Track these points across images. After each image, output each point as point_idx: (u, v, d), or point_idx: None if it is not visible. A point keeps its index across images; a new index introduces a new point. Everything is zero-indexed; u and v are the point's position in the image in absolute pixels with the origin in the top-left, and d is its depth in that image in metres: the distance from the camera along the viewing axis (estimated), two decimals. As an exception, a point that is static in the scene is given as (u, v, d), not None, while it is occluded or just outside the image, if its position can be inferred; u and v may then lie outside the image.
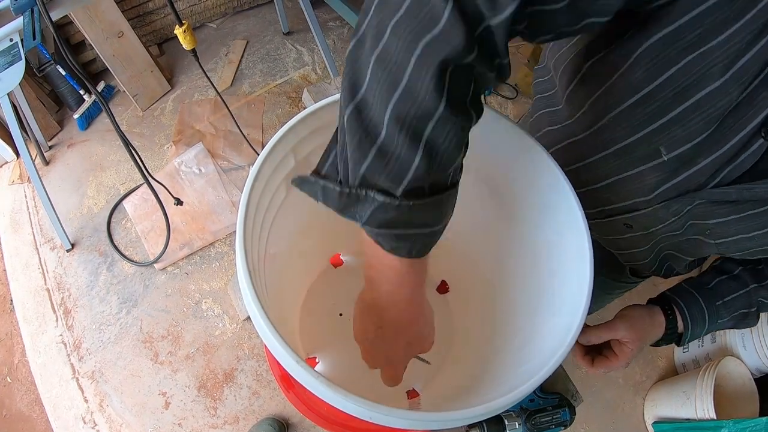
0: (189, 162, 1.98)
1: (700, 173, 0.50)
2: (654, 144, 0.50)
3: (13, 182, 1.94)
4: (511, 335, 0.68)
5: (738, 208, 0.50)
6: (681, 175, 0.51)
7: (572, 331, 0.48)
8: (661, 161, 0.51)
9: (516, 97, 2.44)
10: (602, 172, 0.59)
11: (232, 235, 1.86)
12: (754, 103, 0.42)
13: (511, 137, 0.61)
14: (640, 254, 0.70)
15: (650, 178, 0.54)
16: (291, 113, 2.22)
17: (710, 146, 0.47)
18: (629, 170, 0.55)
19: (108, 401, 1.52)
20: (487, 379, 0.65)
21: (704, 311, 0.66)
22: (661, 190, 0.54)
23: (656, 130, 0.48)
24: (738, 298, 0.65)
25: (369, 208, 0.38)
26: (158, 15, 2.23)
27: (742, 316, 0.66)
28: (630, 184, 0.57)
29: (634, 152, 0.53)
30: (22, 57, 1.28)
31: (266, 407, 1.53)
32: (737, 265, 0.67)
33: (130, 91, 2.08)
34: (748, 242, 0.52)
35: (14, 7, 1.19)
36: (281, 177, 0.60)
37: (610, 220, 0.66)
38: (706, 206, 0.52)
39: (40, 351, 1.61)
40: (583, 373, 1.70)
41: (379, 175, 0.37)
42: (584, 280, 0.52)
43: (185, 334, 1.64)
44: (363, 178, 0.38)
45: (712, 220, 0.53)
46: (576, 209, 0.55)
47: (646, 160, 0.52)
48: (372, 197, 0.37)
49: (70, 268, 1.76)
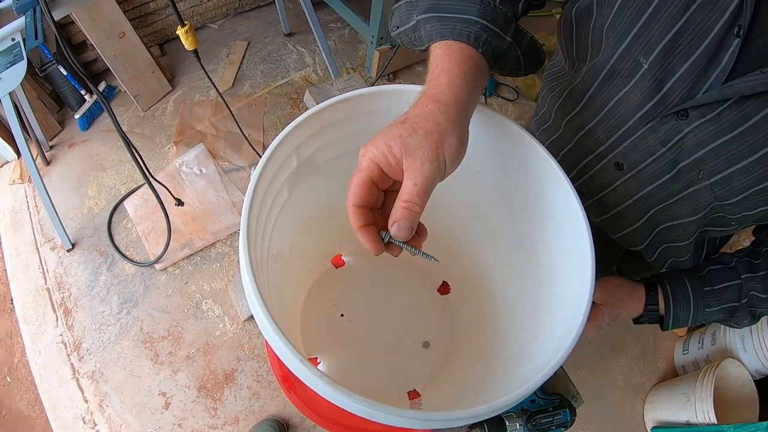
0: (190, 162, 1.98)
1: (681, 81, 0.51)
2: (634, 55, 0.53)
3: (13, 182, 1.94)
4: (512, 336, 0.68)
5: (726, 126, 0.50)
6: (664, 86, 0.52)
7: (574, 332, 0.49)
8: (642, 71, 0.53)
9: (517, 98, 2.44)
10: (599, 102, 0.61)
11: (232, 235, 1.86)
12: (719, 1, 0.45)
13: (512, 138, 0.61)
14: (630, 212, 0.68)
15: (636, 95, 0.56)
16: (292, 114, 2.22)
17: (685, 50, 0.49)
18: (618, 93, 0.58)
19: (108, 401, 1.52)
20: (488, 380, 0.65)
21: (689, 294, 0.67)
22: (647, 108, 0.55)
23: (634, 38, 0.53)
24: (729, 288, 0.65)
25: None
26: (159, 15, 2.24)
27: (733, 309, 0.65)
28: (618, 109, 0.59)
29: (619, 70, 0.56)
30: (23, 57, 1.28)
31: (266, 408, 1.53)
32: (732, 257, 0.67)
33: (131, 92, 2.08)
34: (743, 177, 0.51)
35: (16, 7, 1.19)
36: (284, 177, 0.60)
37: (602, 165, 0.66)
38: (695, 134, 0.52)
39: (40, 351, 1.61)
40: (583, 374, 1.70)
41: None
42: (585, 280, 0.52)
43: (186, 335, 1.64)
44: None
45: (700, 150, 0.53)
46: (577, 209, 0.55)
47: (629, 76, 0.55)
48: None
49: (70, 268, 1.76)
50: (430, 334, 0.87)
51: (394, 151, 0.43)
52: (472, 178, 0.71)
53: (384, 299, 0.91)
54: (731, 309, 0.65)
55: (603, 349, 1.80)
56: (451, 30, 0.50)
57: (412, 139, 0.42)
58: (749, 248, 0.68)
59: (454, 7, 0.51)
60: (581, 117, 0.66)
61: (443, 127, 0.43)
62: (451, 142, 0.43)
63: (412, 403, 0.81)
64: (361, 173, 0.45)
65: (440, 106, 0.45)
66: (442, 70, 0.48)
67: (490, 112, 0.60)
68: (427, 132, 0.43)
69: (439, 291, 0.92)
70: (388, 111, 0.61)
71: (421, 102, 0.46)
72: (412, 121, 0.43)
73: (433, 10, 0.52)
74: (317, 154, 0.63)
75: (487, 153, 0.65)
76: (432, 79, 0.48)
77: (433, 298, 0.92)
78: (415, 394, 0.81)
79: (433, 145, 0.42)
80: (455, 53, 0.49)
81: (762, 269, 0.63)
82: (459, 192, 0.76)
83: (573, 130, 0.68)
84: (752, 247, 0.67)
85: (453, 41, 0.50)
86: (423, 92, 0.47)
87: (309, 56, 2.44)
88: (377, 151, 0.43)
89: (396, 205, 0.44)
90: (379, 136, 0.44)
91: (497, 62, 0.54)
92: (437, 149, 0.43)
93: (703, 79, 0.49)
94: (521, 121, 2.42)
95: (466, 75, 0.48)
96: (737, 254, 0.67)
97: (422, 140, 0.42)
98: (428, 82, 0.48)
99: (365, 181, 0.45)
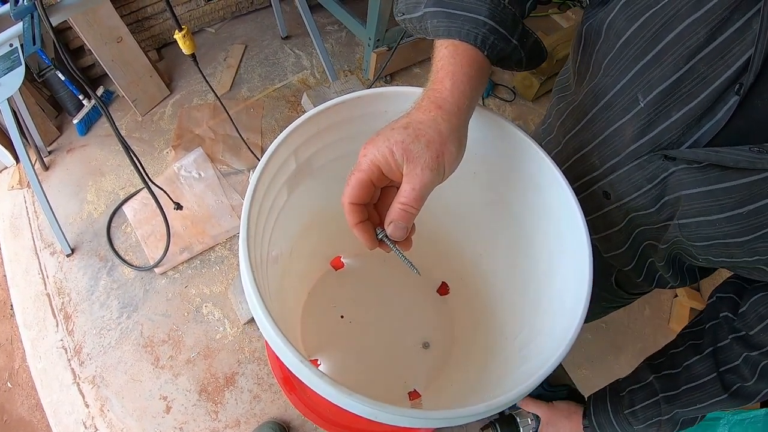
0: (188, 166, 1.99)
1: (674, 126, 0.51)
2: (633, 91, 0.53)
3: (12, 187, 1.94)
4: (511, 335, 0.69)
5: (707, 177, 0.50)
6: (656, 128, 0.53)
7: (572, 331, 0.49)
8: (638, 109, 0.53)
9: (514, 99, 2.45)
10: (596, 128, 0.62)
11: (232, 239, 1.86)
12: (726, 57, 0.45)
13: (510, 140, 0.61)
14: (617, 237, 0.69)
15: (629, 129, 0.56)
16: (290, 117, 2.22)
17: (683, 97, 0.49)
18: (613, 124, 0.58)
19: (109, 406, 1.52)
20: (488, 379, 0.66)
21: (612, 420, 0.69)
22: (637, 144, 0.55)
23: (636, 74, 0.53)
24: (647, 407, 0.66)
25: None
26: (157, 20, 2.24)
27: (657, 424, 0.65)
28: (613, 139, 0.59)
29: (617, 102, 0.56)
30: (21, 62, 1.29)
31: (267, 411, 1.53)
32: (650, 373, 0.68)
33: (129, 96, 2.08)
34: (709, 228, 0.52)
35: (14, 13, 1.20)
36: (283, 179, 0.60)
37: (591, 191, 0.66)
38: (679, 175, 0.53)
39: (41, 356, 1.61)
40: (584, 372, 1.70)
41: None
42: (583, 281, 0.52)
43: (186, 339, 1.64)
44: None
45: (682, 191, 0.53)
46: (576, 211, 0.55)
47: (626, 110, 0.55)
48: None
49: (70, 273, 1.76)
50: (429, 334, 0.88)
51: (396, 156, 0.43)
52: (470, 179, 0.71)
53: (383, 300, 0.91)
54: (656, 423, 0.66)
55: (603, 348, 1.80)
56: (458, 30, 0.50)
57: (414, 146, 0.43)
58: (697, 318, 0.68)
59: (463, 5, 0.50)
60: (579, 138, 0.66)
61: (445, 136, 0.44)
62: (451, 150, 0.44)
63: (412, 404, 0.81)
64: (361, 173, 0.45)
65: (443, 113, 0.45)
66: (447, 73, 0.48)
67: (489, 113, 0.61)
68: (429, 140, 0.43)
69: (439, 292, 0.92)
70: (385, 113, 0.61)
71: (424, 107, 0.46)
72: (415, 128, 0.44)
73: (442, 4, 0.52)
74: (315, 157, 0.64)
75: (485, 155, 0.65)
76: (436, 81, 0.48)
77: (433, 298, 0.92)
78: (416, 395, 0.82)
79: (435, 154, 0.43)
80: (461, 56, 0.49)
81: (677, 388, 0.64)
82: (457, 193, 0.76)
83: (571, 150, 0.69)
84: (704, 314, 0.67)
85: (460, 42, 0.50)
86: (426, 94, 0.48)
87: (306, 59, 2.45)
88: (379, 154, 0.44)
89: (393, 206, 0.45)
90: (381, 138, 0.44)
91: (500, 62, 0.54)
92: (438, 158, 0.43)
93: (695, 128, 0.49)
94: (518, 121, 2.44)
95: (470, 80, 0.48)
96: (653, 368, 0.68)
97: (424, 148, 0.43)
98: (432, 83, 0.49)
99: (363, 181, 0.45)
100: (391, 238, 0.48)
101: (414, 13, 0.56)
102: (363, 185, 0.45)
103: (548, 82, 2.34)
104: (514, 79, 2.47)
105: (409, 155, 0.43)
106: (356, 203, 0.46)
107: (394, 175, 0.45)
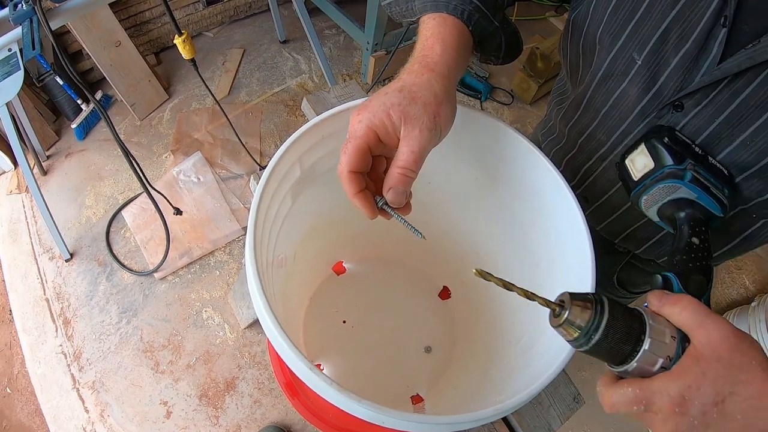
0: (187, 171, 1.99)
1: (674, 73, 0.52)
2: (628, 53, 0.55)
3: (11, 192, 1.94)
4: (514, 339, 0.69)
5: (717, 108, 0.51)
6: (658, 80, 0.54)
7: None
8: (637, 67, 0.55)
9: (512, 102, 2.46)
10: (597, 104, 0.62)
11: (231, 243, 1.86)
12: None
13: (510, 145, 0.62)
14: (634, 214, 0.66)
15: (632, 91, 0.57)
16: (289, 121, 2.23)
17: (676, 43, 0.51)
18: (615, 92, 0.59)
19: (109, 411, 1.51)
20: (491, 383, 0.66)
21: None
22: (643, 104, 0.56)
23: (629, 35, 0.54)
24: None
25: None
26: (155, 24, 2.24)
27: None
28: (617, 108, 0.60)
29: (614, 70, 0.58)
30: (20, 67, 1.29)
31: (268, 415, 1.53)
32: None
33: (128, 101, 2.08)
34: (743, 152, 0.51)
35: (13, 17, 1.20)
36: (288, 186, 0.61)
37: (604, 167, 0.67)
38: (691, 123, 0.53)
39: (40, 361, 1.60)
40: (585, 375, 1.71)
41: None
42: (585, 282, 0.53)
43: (186, 343, 1.64)
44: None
45: (698, 138, 0.54)
46: (576, 213, 0.56)
47: (625, 73, 0.57)
48: None
49: (69, 278, 1.76)
50: (431, 338, 0.88)
51: (394, 119, 0.44)
52: (471, 184, 0.71)
53: (385, 305, 0.91)
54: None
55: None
56: (446, 4, 0.52)
57: (411, 108, 0.44)
58: None
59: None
60: (581, 122, 0.67)
61: (440, 97, 0.45)
62: (447, 111, 0.46)
63: (415, 408, 0.81)
64: (358, 140, 0.45)
65: (436, 76, 0.46)
66: (437, 39, 0.49)
67: (489, 118, 0.61)
68: (426, 102, 0.44)
69: (440, 296, 0.93)
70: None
71: (416, 70, 0.47)
72: (410, 90, 0.45)
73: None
74: (319, 164, 0.64)
75: (485, 160, 0.66)
76: (425, 48, 0.49)
77: (434, 303, 0.92)
78: (418, 399, 0.82)
79: (432, 114, 0.44)
80: (450, 26, 0.51)
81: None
82: (458, 197, 0.76)
83: (575, 136, 0.70)
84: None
85: (447, 15, 0.52)
86: (416, 59, 0.49)
87: (305, 63, 2.46)
88: (375, 118, 0.44)
89: (391, 171, 0.45)
90: (376, 103, 0.45)
91: (480, 44, 0.56)
92: (435, 118, 0.44)
93: (695, 69, 0.51)
94: (517, 124, 2.45)
95: (458, 48, 0.50)
96: None
97: (422, 110, 0.44)
98: (420, 49, 0.50)
99: (361, 148, 0.45)
100: (391, 204, 0.48)
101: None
102: (361, 152, 0.45)
103: (546, 85, 2.35)
104: (512, 82, 2.48)
105: (406, 117, 0.43)
106: (356, 171, 0.46)
107: (390, 139, 0.45)
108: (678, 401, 0.34)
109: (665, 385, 0.35)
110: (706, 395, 0.33)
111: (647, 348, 0.36)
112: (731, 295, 2.01)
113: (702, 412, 0.33)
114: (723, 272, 2.06)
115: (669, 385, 0.34)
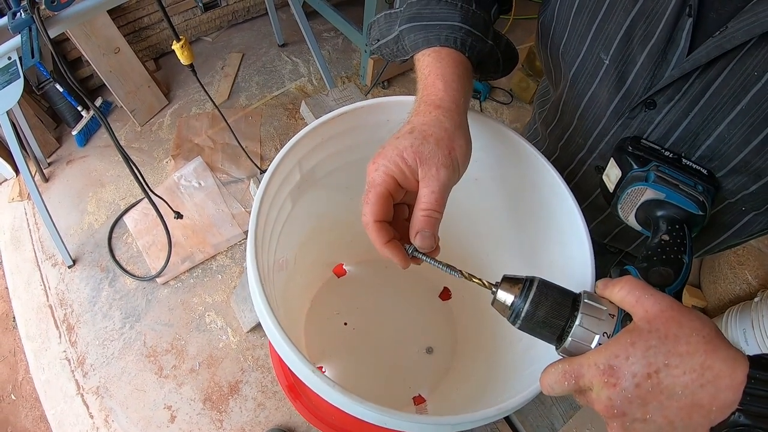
0: (188, 176, 1.99)
1: (642, 69, 0.52)
2: (595, 53, 0.55)
3: (13, 199, 1.95)
4: (515, 338, 0.69)
5: (690, 101, 0.50)
6: (627, 78, 0.53)
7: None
8: (605, 67, 0.55)
9: (511, 102, 2.46)
10: (572, 106, 0.62)
11: (233, 247, 1.87)
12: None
13: (509, 146, 0.62)
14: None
15: (603, 92, 0.56)
16: (288, 125, 2.23)
17: (642, 39, 0.50)
18: (586, 94, 0.59)
19: (113, 416, 1.52)
20: (493, 383, 0.66)
21: None
22: (614, 104, 0.56)
23: (594, 35, 0.54)
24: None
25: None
26: (154, 30, 2.25)
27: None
28: (591, 110, 0.60)
29: (583, 71, 0.57)
30: (20, 75, 1.29)
31: (272, 418, 1.53)
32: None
33: (128, 107, 2.09)
34: (721, 144, 0.51)
35: (12, 26, 1.20)
36: (287, 190, 0.61)
37: (585, 170, 0.66)
38: (665, 120, 0.53)
39: (44, 367, 1.61)
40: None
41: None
42: (585, 282, 0.53)
43: (189, 348, 1.65)
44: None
45: (674, 134, 0.53)
46: (576, 213, 0.56)
47: (594, 75, 0.56)
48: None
49: (72, 284, 1.76)
50: (433, 339, 0.88)
51: (409, 161, 0.43)
52: (471, 185, 0.72)
53: (386, 307, 0.91)
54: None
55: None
56: (437, 36, 0.51)
57: (424, 147, 0.43)
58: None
59: (436, 15, 0.52)
60: (560, 126, 0.67)
61: (451, 131, 0.44)
62: (461, 144, 0.44)
63: (417, 409, 0.81)
64: (378, 187, 0.43)
65: (443, 111, 0.46)
66: (437, 76, 0.49)
67: (487, 120, 0.61)
68: (438, 139, 0.43)
69: (441, 297, 0.93)
70: (388, 122, 0.62)
71: (423, 110, 0.46)
72: (420, 130, 0.44)
73: (416, 19, 0.53)
74: (319, 167, 0.64)
75: (485, 161, 0.66)
76: (427, 86, 0.49)
77: (435, 303, 0.93)
78: (420, 400, 0.82)
79: (446, 150, 0.43)
80: (446, 58, 0.50)
81: None
82: (458, 199, 0.76)
83: (555, 140, 0.70)
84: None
85: (441, 47, 0.51)
86: (420, 99, 0.48)
87: (303, 66, 2.46)
88: (390, 164, 0.43)
89: (415, 215, 0.44)
90: (388, 149, 0.44)
91: (480, 66, 0.55)
92: (450, 154, 0.43)
93: (663, 64, 0.50)
94: (516, 124, 2.45)
95: (460, 79, 0.49)
96: None
97: (435, 147, 0.43)
98: (422, 89, 0.49)
99: (383, 194, 0.44)
100: (421, 249, 0.45)
101: (389, 35, 0.57)
102: (383, 198, 0.44)
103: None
104: (511, 81, 2.48)
105: (421, 157, 0.42)
106: (381, 220, 0.44)
107: (410, 184, 0.44)
108: (606, 371, 0.33)
109: (594, 358, 0.35)
110: (635, 365, 0.33)
111: (578, 323, 0.37)
112: (734, 291, 2.00)
113: (635, 384, 0.32)
114: (725, 268, 2.05)
115: (597, 357, 0.34)
